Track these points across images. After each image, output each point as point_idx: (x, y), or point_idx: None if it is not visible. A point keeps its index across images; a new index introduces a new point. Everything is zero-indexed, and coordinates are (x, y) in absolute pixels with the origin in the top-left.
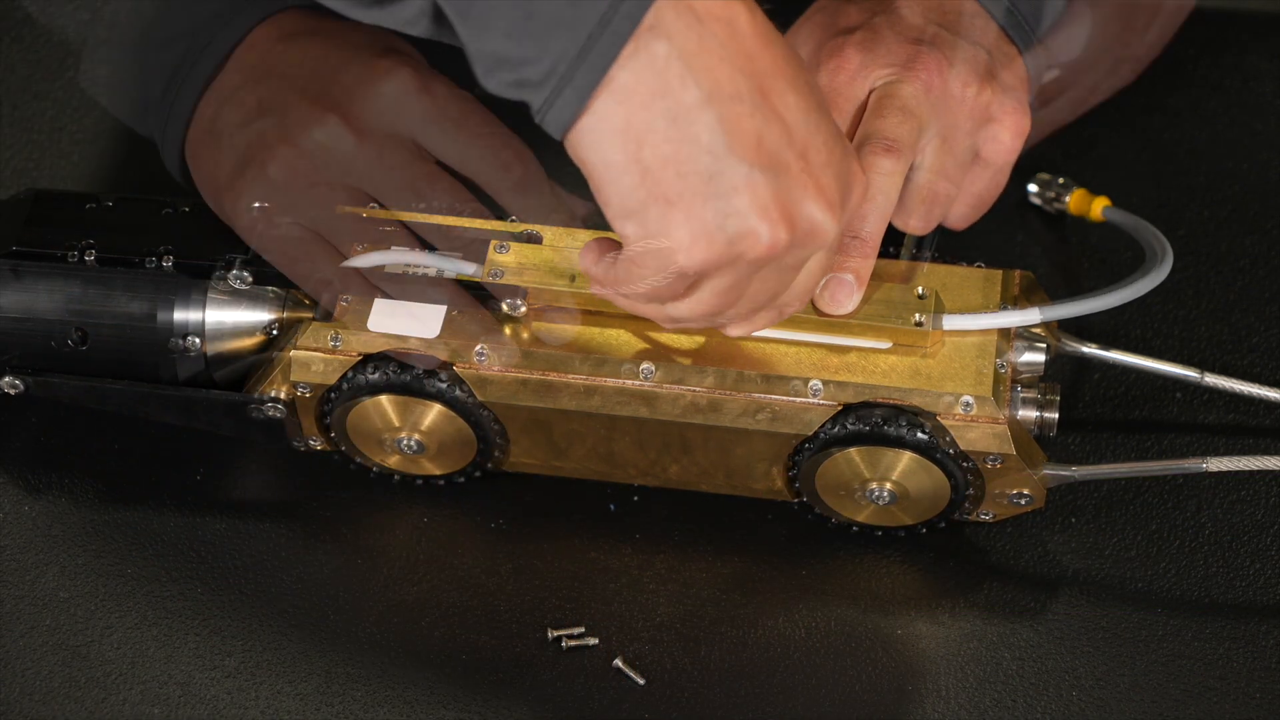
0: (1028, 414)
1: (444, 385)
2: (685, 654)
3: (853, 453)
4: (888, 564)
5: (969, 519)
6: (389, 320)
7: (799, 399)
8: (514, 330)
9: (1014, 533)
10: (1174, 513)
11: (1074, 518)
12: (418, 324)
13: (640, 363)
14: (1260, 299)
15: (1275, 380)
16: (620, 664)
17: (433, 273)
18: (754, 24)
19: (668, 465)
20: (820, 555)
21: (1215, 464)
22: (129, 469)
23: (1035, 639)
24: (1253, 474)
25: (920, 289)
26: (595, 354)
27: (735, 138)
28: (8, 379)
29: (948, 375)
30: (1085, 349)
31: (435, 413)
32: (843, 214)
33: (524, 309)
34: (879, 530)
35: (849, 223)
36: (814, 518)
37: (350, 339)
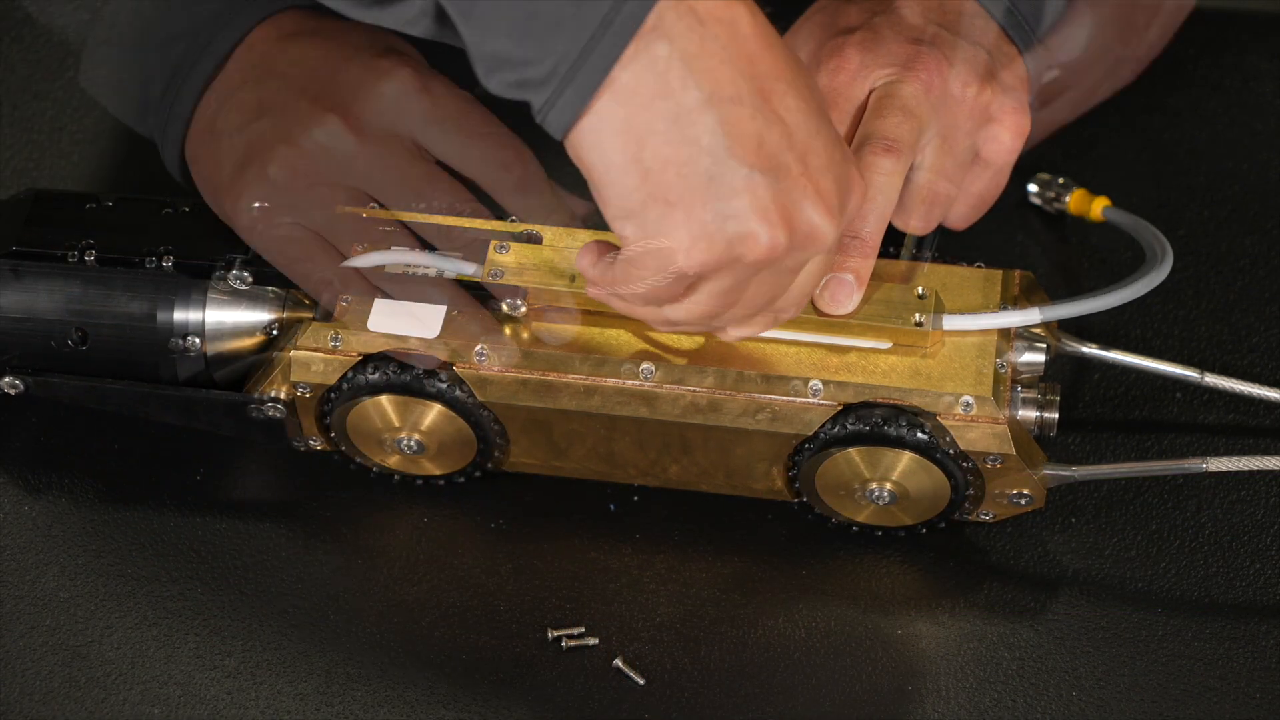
0: (1028, 414)
1: (444, 385)
2: (685, 654)
3: (853, 453)
4: (888, 564)
5: (969, 519)
6: (389, 320)
7: (799, 399)
8: (514, 330)
9: (1014, 533)
10: (1174, 513)
11: (1074, 518)
12: (418, 324)
13: (640, 363)
14: (1260, 299)
15: (1275, 380)
16: (620, 664)
17: (433, 273)
18: (755, 26)
19: (668, 465)
20: (820, 555)
21: (1215, 464)
22: (129, 469)
23: (1035, 639)
24: (1253, 474)
25: (920, 289)
26: (595, 354)
27: (736, 140)
28: (8, 379)
29: (948, 375)
30: (1085, 349)
31: (435, 413)
32: (841, 219)
33: (524, 309)
34: (879, 530)
35: (849, 223)
36: (814, 518)
37: (350, 339)
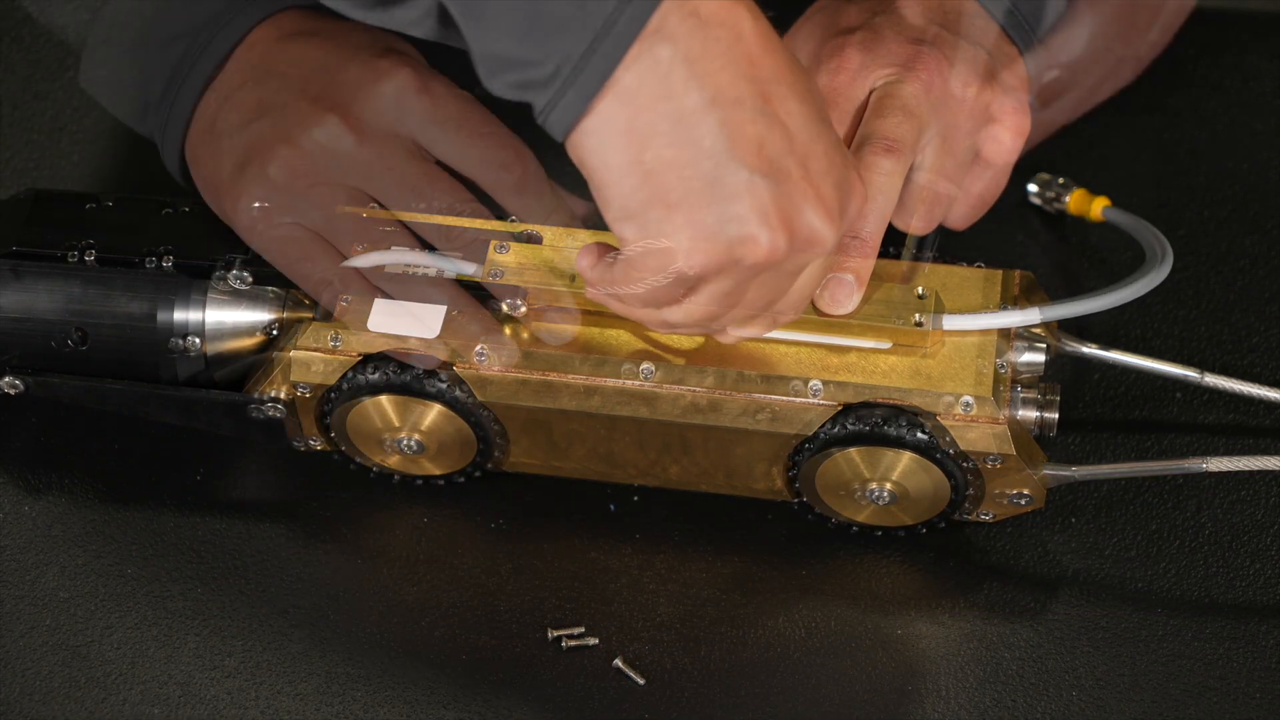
0: (1028, 414)
1: (444, 385)
2: (685, 654)
3: (853, 453)
4: (888, 564)
5: (969, 519)
6: (389, 320)
7: (799, 399)
8: (514, 330)
9: (1014, 533)
10: (1174, 513)
11: (1074, 518)
12: (418, 324)
13: (640, 363)
14: (1260, 299)
15: (1275, 380)
16: (620, 664)
17: (433, 273)
18: (757, 29)
19: (668, 465)
20: (820, 555)
21: (1215, 464)
22: (129, 469)
23: (1035, 639)
24: (1253, 474)
25: (920, 289)
26: (595, 354)
27: (737, 143)
28: (8, 379)
29: (948, 375)
30: (1085, 349)
31: (435, 413)
32: (841, 223)
33: (524, 309)
34: (879, 530)
35: (849, 223)
36: (814, 518)
37: (350, 339)
